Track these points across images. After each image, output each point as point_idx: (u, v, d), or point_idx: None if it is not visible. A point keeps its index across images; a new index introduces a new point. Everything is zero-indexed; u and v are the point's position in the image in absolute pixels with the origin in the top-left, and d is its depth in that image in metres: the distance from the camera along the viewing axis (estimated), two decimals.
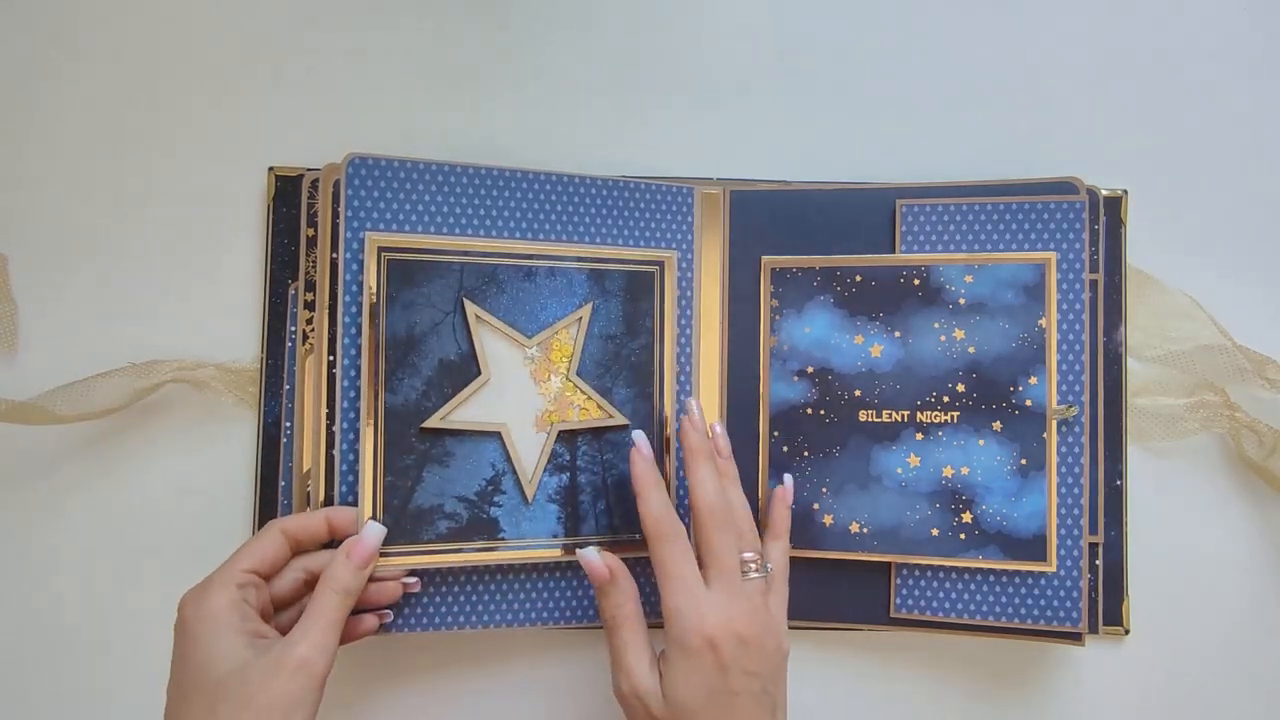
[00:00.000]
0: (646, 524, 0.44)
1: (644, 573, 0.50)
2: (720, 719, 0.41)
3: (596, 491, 0.50)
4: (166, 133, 0.55)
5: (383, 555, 0.46)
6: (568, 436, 0.49)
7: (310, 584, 0.45)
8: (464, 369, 0.48)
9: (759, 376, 0.53)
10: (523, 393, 0.48)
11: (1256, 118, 0.56)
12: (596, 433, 0.50)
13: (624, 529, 0.50)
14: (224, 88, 0.55)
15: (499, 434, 0.48)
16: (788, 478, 0.51)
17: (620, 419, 0.50)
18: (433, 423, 0.47)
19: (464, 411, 0.47)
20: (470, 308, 0.48)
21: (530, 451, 0.48)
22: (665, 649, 0.43)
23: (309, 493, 0.49)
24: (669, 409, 0.51)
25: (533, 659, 0.54)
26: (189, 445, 0.54)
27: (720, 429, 0.49)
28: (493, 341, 0.48)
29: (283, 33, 0.56)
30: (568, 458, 0.49)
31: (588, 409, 0.49)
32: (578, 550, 0.45)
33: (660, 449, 0.50)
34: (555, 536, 0.49)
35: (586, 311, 0.50)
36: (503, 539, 0.48)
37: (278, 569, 0.44)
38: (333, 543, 0.46)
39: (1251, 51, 0.57)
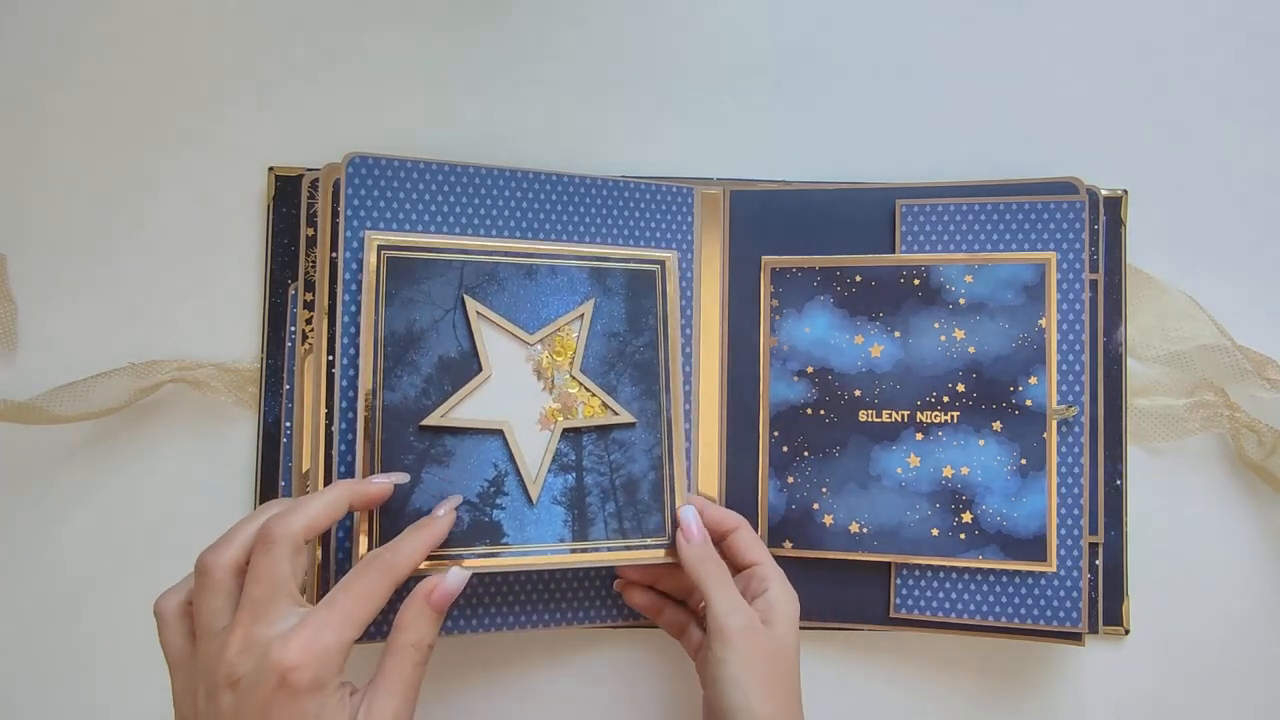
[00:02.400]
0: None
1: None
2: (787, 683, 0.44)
3: (605, 493, 0.48)
4: (167, 133, 0.55)
5: None
6: (573, 436, 0.48)
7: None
8: (464, 366, 0.46)
9: (759, 376, 0.53)
10: (525, 390, 0.47)
11: (1256, 118, 0.56)
12: (603, 432, 0.48)
13: (634, 533, 0.48)
14: (223, 88, 0.55)
15: (501, 432, 0.46)
16: (688, 510, 0.49)
17: (627, 417, 0.48)
18: (432, 420, 0.45)
19: (465, 409, 0.46)
20: (471, 304, 0.47)
21: (534, 450, 0.47)
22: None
23: (308, 493, 0.49)
24: (675, 409, 0.50)
25: (539, 662, 0.54)
26: (189, 445, 0.54)
27: (701, 514, 0.49)
28: (494, 338, 0.47)
29: (282, 33, 0.56)
30: (573, 457, 0.48)
31: (592, 407, 0.48)
32: (679, 510, 0.48)
33: (670, 452, 0.49)
34: (562, 541, 0.47)
35: (589, 308, 0.49)
36: (506, 543, 0.46)
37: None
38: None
39: (1251, 51, 0.57)
